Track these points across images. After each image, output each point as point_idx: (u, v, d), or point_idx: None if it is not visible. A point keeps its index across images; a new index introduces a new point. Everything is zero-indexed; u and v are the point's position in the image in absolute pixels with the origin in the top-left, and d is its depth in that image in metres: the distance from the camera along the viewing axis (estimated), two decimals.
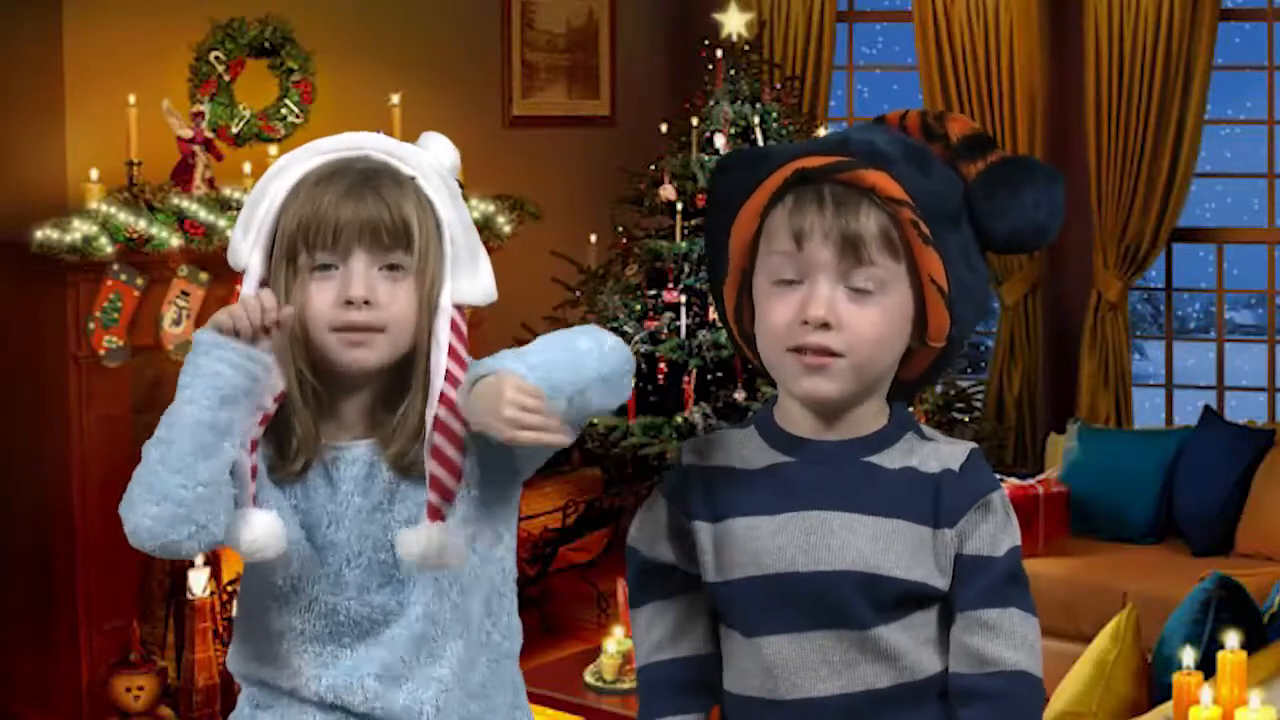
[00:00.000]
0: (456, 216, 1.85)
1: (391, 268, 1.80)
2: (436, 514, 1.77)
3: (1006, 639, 1.72)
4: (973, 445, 1.77)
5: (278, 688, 1.86)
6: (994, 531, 1.73)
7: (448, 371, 1.79)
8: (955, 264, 1.72)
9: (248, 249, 1.84)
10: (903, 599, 1.71)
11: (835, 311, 1.68)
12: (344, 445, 1.84)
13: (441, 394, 1.78)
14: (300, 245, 1.79)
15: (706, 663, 1.83)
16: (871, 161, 1.71)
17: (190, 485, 1.71)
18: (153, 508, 1.71)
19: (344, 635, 1.84)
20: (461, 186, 1.92)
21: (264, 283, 1.83)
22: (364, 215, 1.78)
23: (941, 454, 1.75)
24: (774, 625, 1.73)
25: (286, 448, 1.83)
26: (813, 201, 1.70)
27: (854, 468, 1.75)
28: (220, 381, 1.72)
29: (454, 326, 1.81)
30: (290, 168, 1.84)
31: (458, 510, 1.82)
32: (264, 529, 1.77)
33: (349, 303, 1.78)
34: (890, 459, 1.75)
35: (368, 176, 1.81)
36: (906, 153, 1.74)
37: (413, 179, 1.84)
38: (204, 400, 1.72)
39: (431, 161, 1.87)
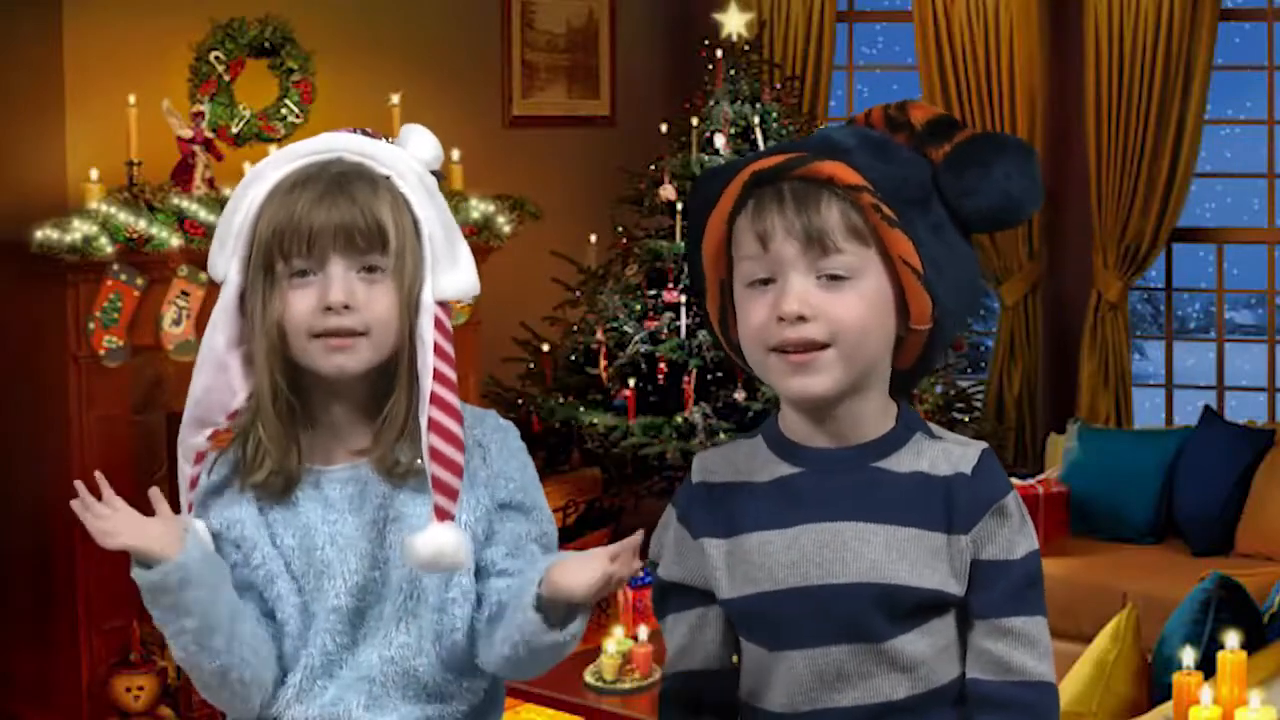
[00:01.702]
0: (435, 213, 1.83)
1: (369, 270, 1.78)
2: (444, 515, 1.75)
3: (1030, 647, 1.71)
4: (984, 446, 1.75)
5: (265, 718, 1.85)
6: (1010, 536, 1.71)
7: (436, 370, 1.77)
8: (927, 245, 1.70)
9: (225, 260, 1.82)
10: (918, 608, 1.70)
11: (809, 303, 1.66)
12: (336, 467, 1.84)
13: (433, 394, 1.76)
14: (276, 254, 1.78)
15: (717, 677, 1.82)
16: (826, 153, 1.71)
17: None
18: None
19: (332, 666, 1.83)
20: (440, 178, 1.89)
21: (242, 293, 1.82)
22: (337, 219, 1.76)
23: (952, 456, 1.73)
24: (789, 640, 1.73)
25: (253, 453, 1.81)
26: (773, 201, 1.69)
27: (863, 475, 1.73)
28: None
29: (438, 324, 1.79)
30: (264, 175, 1.82)
31: (461, 516, 1.80)
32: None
33: (328, 309, 1.77)
34: (899, 463, 1.73)
35: (340, 180, 1.79)
36: (863, 142, 1.74)
37: (387, 178, 1.81)
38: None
39: (407, 159, 1.84)
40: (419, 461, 1.79)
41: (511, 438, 1.92)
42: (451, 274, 1.83)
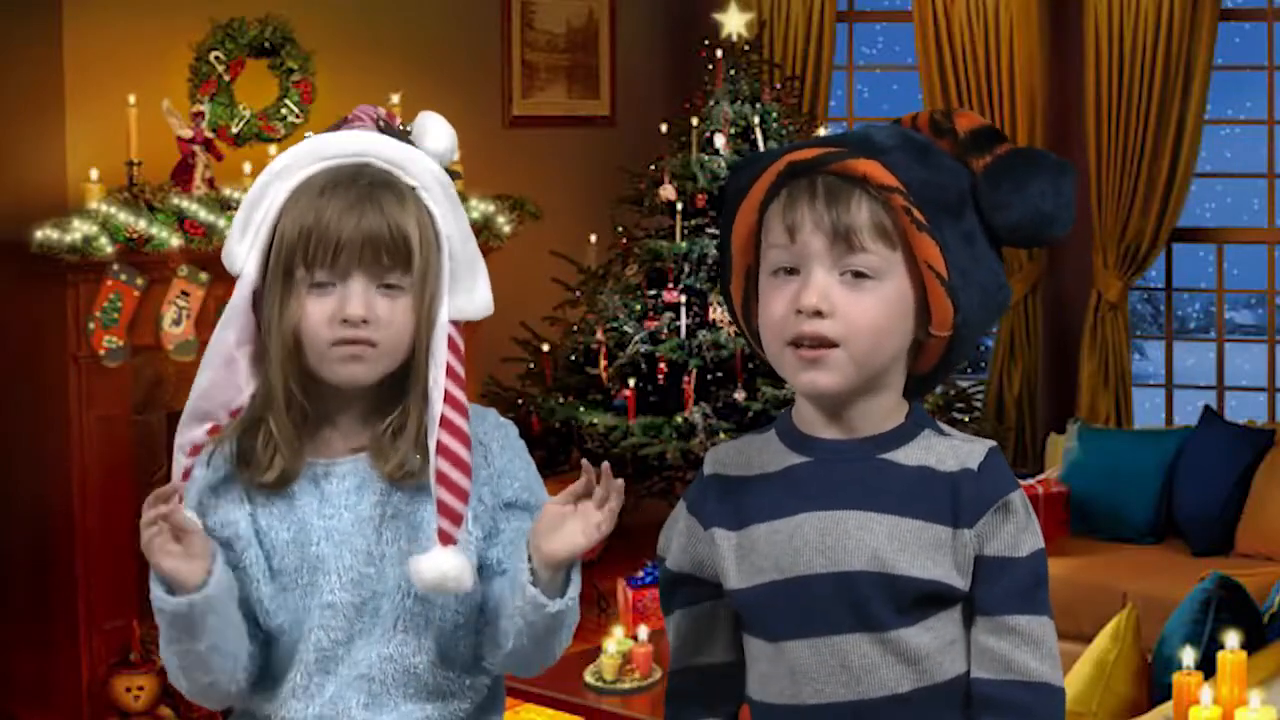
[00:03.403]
0: (456, 229, 1.84)
1: (389, 286, 1.79)
2: (448, 539, 1.76)
3: (1034, 647, 1.72)
4: (991, 444, 1.75)
5: (266, 718, 1.85)
6: (1015, 533, 1.71)
7: (447, 393, 1.78)
8: (955, 252, 1.71)
9: (244, 252, 1.81)
10: (922, 599, 1.70)
11: (829, 299, 1.67)
12: (335, 461, 1.83)
13: (442, 417, 1.77)
14: (299, 260, 1.77)
15: (728, 671, 1.83)
16: (864, 151, 1.71)
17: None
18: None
19: (329, 662, 1.82)
20: (455, 176, 1.90)
21: (257, 291, 1.81)
22: (365, 233, 1.76)
23: (959, 452, 1.74)
24: (794, 630, 1.73)
25: (263, 453, 1.81)
26: (805, 193, 1.70)
27: (869, 465, 1.74)
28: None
29: (451, 344, 1.80)
30: (292, 170, 1.81)
31: (467, 535, 1.80)
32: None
33: (345, 320, 1.77)
34: (906, 456, 1.74)
35: (370, 191, 1.78)
36: (904, 144, 1.74)
37: (413, 189, 1.82)
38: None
39: (433, 168, 1.85)
40: (416, 458, 1.80)
41: (513, 436, 1.92)
42: (469, 294, 1.84)
